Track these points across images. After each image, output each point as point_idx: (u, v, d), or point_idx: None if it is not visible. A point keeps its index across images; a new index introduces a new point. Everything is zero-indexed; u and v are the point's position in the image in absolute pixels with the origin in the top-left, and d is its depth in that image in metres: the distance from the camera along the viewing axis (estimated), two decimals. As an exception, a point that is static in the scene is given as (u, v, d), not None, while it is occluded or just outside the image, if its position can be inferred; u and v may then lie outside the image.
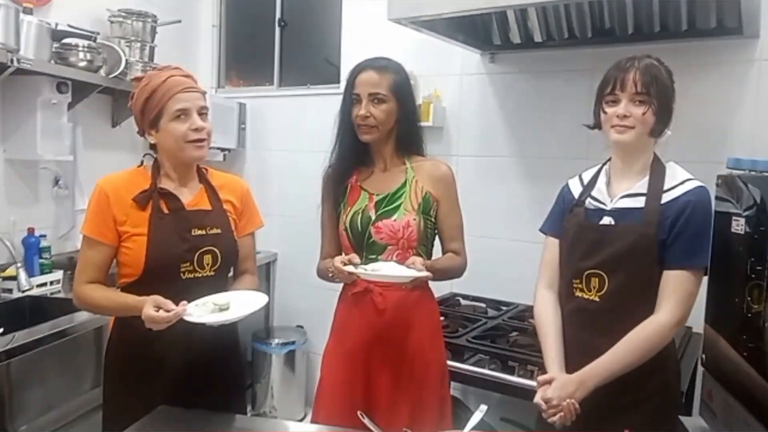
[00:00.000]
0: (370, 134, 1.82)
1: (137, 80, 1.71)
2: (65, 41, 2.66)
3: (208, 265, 1.67)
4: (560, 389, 1.49)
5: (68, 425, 2.15)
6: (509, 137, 2.95)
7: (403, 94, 1.83)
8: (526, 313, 2.69)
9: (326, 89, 3.44)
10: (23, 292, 2.43)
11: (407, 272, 1.69)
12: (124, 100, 3.09)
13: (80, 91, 2.78)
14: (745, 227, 1.29)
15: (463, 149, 3.06)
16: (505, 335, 2.43)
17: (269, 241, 3.44)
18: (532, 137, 2.89)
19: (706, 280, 1.52)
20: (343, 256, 1.78)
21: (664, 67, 1.61)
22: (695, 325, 1.80)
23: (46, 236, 2.74)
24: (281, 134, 3.64)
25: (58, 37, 2.64)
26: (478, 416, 1.32)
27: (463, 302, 2.92)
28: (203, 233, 1.67)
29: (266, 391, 3.40)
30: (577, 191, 1.73)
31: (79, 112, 2.90)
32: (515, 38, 2.74)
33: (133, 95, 1.68)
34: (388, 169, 1.89)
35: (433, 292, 1.97)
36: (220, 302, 1.57)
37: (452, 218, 1.89)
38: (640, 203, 1.57)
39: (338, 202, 1.91)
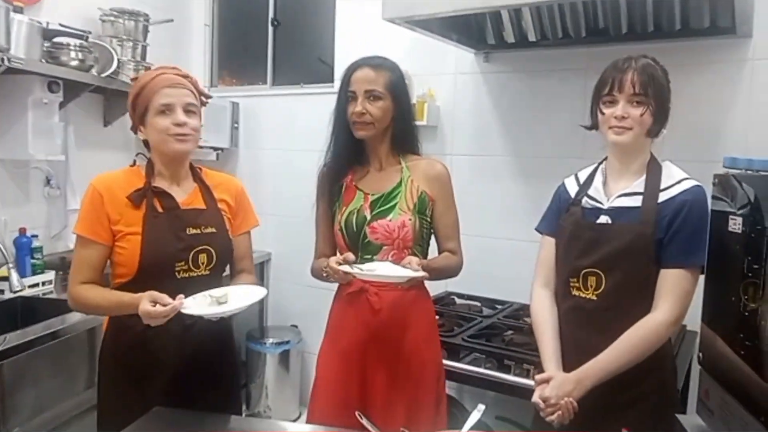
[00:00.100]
0: (365, 131, 1.81)
1: (135, 80, 1.73)
2: (56, 40, 2.64)
3: (203, 264, 1.66)
4: (558, 388, 1.50)
5: (61, 426, 2.13)
6: (504, 136, 2.95)
7: (398, 92, 1.83)
8: (521, 311, 2.69)
9: (320, 88, 3.43)
10: (15, 292, 2.40)
11: (403, 272, 1.68)
12: (116, 99, 3.09)
13: (72, 90, 2.76)
14: (742, 226, 1.29)
15: (457, 148, 3.06)
16: (500, 334, 2.44)
17: (263, 240, 3.42)
18: (526, 136, 2.89)
19: (702, 278, 1.52)
20: (338, 255, 1.76)
21: (660, 66, 1.61)
22: (689, 323, 1.81)
23: (38, 236, 2.72)
24: (274, 133, 3.63)
25: (49, 36, 2.62)
26: (476, 416, 1.32)
27: (458, 301, 2.92)
28: (198, 232, 1.67)
29: (261, 390, 3.39)
30: (573, 190, 1.74)
31: (70, 111, 2.88)
32: (509, 37, 2.74)
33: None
34: (383, 168, 1.88)
35: (428, 291, 1.96)
36: (217, 295, 1.56)
37: (448, 217, 1.89)
38: (636, 202, 1.58)
39: (333, 201, 1.91)
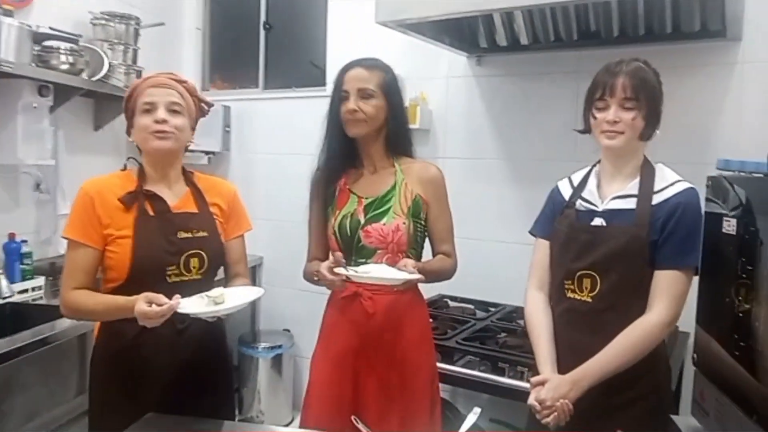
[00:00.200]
0: (358, 128, 1.80)
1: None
2: (47, 44, 2.62)
3: (194, 268, 1.65)
4: (554, 390, 1.49)
5: (52, 434, 2.11)
6: (496, 139, 2.96)
7: (391, 92, 1.82)
8: (514, 314, 2.70)
9: (312, 92, 3.43)
10: (4, 298, 2.39)
11: (399, 274, 1.67)
12: (106, 103, 3.07)
13: (62, 94, 2.74)
14: (736, 228, 1.30)
15: (449, 151, 3.06)
16: (494, 336, 2.44)
17: (255, 244, 3.38)
18: (518, 139, 2.90)
19: (696, 280, 1.52)
20: (330, 260, 1.72)
21: (651, 69, 1.61)
22: (681, 324, 1.81)
23: (27, 242, 2.69)
24: (267, 137, 3.62)
25: (39, 39, 2.60)
26: (472, 418, 1.32)
27: (451, 304, 2.92)
28: (189, 236, 1.65)
29: (253, 395, 3.37)
30: (567, 193, 1.74)
31: (60, 115, 2.85)
32: (501, 41, 2.75)
33: None
34: (377, 171, 1.88)
35: (423, 295, 1.95)
36: (213, 295, 1.55)
37: (443, 221, 1.88)
38: (631, 204, 1.58)
39: (327, 204, 1.90)
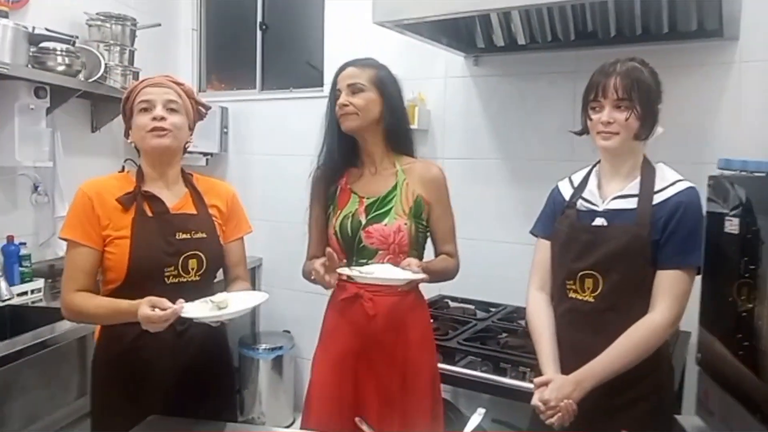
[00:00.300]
0: (349, 121, 1.80)
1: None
2: (43, 45, 2.60)
3: (193, 269, 1.65)
4: (558, 390, 1.50)
5: (52, 437, 2.10)
6: (494, 139, 2.96)
7: (385, 87, 1.82)
8: (515, 314, 2.70)
9: (309, 93, 3.42)
10: (4, 301, 2.37)
11: (403, 274, 1.67)
12: (103, 104, 3.06)
13: (59, 95, 2.73)
14: (738, 227, 1.30)
15: (448, 152, 3.06)
16: (495, 337, 2.44)
17: (254, 246, 3.36)
18: (516, 139, 2.90)
19: (698, 280, 1.53)
20: (323, 258, 1.70)
21: (648, 68, 1.60)
22: (682, 323, 1.81)
23: (26, 244, 2.68)
24: (264, 138, 3.61)
25: (35, 40, 2.58)
26: (476, 419, 1.31)
27: (451, 304, 2.92)
28: (188, 237, 1.65)
29: (254, 396, 3.36)
30: (567, 193, 1.74)
31: (57, 117, 2.84)
32: (499, 41, 2.75)
33: None
34: (378, 171, 1.87)
35: (424, 296, 1.95)
36: (217, 300, 1.55)
37: (445, 221, 1.88)
38: (632, 204, 1.58)
39: (327, 204, 1.89)
